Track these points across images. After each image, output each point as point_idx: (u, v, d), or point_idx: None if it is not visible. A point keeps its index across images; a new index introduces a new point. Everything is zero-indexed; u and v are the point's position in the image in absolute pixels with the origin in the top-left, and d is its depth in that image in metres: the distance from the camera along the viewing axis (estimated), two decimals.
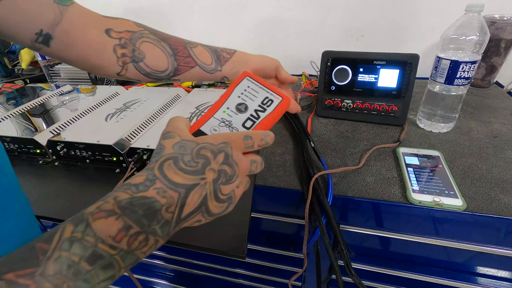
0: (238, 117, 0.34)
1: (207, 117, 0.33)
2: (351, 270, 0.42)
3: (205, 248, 0.40)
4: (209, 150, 0.26)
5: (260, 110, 0.34)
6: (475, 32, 0.52)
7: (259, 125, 0.33)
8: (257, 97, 0.35)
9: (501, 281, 0.50)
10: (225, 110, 0.34)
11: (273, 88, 0.36)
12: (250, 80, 0.36)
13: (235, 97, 0.35)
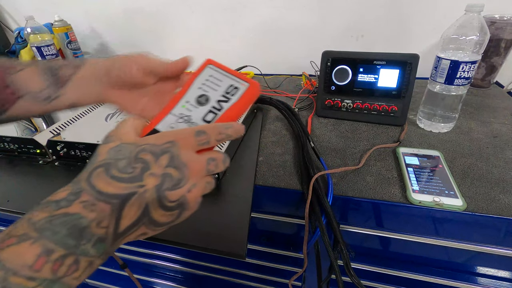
0: (198, 111, 0.30)
1: (163, 114, 0.30)
2: (351, 270, 0.42)
3: (205, 248, 0.40)
4: (149, 152, 0.23)
5: (224, 100, 0.31)
6: (475, 32, 0.52)
7: (222, 117, 0.30)
8: (220, 86, 0.32)
9: (501, 281, 0.50)
10: (184, 104, 0.31)
11: (239, 74, 0.32)
12: (213, 68, 0.33)
13: (195, 89, 0.32)
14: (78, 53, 1.08)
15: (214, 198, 0.47)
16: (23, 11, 1.19)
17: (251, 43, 1.03)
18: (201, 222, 0.43)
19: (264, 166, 0.54)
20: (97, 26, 1.16)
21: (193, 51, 1.10)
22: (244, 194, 0.47)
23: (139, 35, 1.13)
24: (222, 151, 0.33)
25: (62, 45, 1.05)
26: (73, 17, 1.11)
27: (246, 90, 0.31)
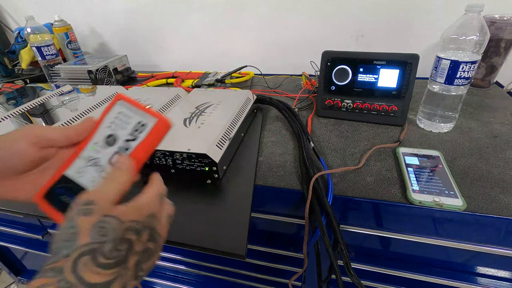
0: (106, 152, 0.30)
1: (73, 158, 0.30)
2: (351, 270, 0.42)
3: (205, 248, 0.40)
4: (134, 231, 0.24)
5: (131, 139, 0.30)
6: (475, 32, 0.52)
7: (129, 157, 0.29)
8: (129, 124, 0.30)
9: (501, 281, 0.50)
10: (93, 145, 0.30)
11: (148, 110, 0.31)
12: (123, 104, 0.31)
13: (104, 128, 0.31)
14: (78, 53, 1.08)
15: (214, 198, 0.47)
16: (23, 11, 1.19)
17: (251, 43, 1.03)
18: (201, 222, 0.43)
19: (264, 166, 0.54)
20: (97, 26, 1.16)
21: (193, 51, 1.11)
22: (244, 194, 0.47)
23: (139, 35, 1.13)
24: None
25: (62, 45, 1.05)
26: (73, 17, 1.11)
27: (154, 126, 0.30)
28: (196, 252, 0.66)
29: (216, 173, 0.49)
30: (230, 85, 0.90)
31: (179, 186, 0.50)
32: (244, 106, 0.65)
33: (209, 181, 0.50)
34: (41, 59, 0.97)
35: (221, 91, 0.75)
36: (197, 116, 0.60)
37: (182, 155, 0.49)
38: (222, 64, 1.09)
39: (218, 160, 0.48)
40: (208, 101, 0.67)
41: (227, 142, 0.53)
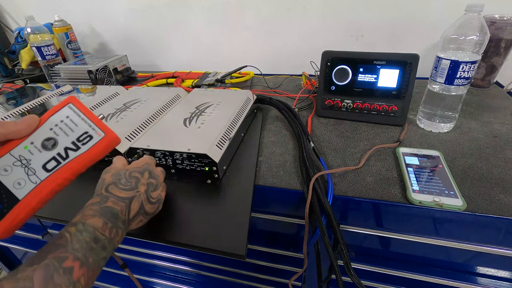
0: (40, 156, 0.28)
1: (2, 152, 0.28)
2: (351, 270, 0.42)
3: (205, 248, 0.40)
4: (137, 171, 0.39)
5: (72, 149, 0.29)
6: (475, 32, 0.52)
7: (65, 167, 0.28)
8: (74, 132, 0.30)
9: (501, 281, 0.50)
10: (27, 145, 0.28)
11: (98, 122, 0.30)
12: (73, 108, 0.30)
13: (46, 130, 0.29)
14: (78, 53, 1.08)
15: (214, 198, 0.47)
16: (23, 11, 1.19)
17: (251, 43, 1.03)
18: (201, 222, 0.43)
19: (264, 166, 0.54)
20: (97, 26, 1.16)
21: (193, 51, 1.11)
22: (244, 194, 0.47)
23: (139, 35, 1.13)
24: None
25: (62, 45, 1.05)
26: (73, 17, 1.11)
27: (100, 140, 0.30)
28: (196, 252, 0.66)
29: (216, 173, 0.49)
30: (230, 85, 0.90)
31: (179, 186, 0.50)
32: (244, 106, 0.65)
33: (209, 181, 0.50)
34: (41, 59, 0.97)
35: (221, 91, 0.75)
36: (197, 116, 0.60)
37: (182, 155, 0.49)
38: (222, 64, 1.09)
39: (218, 160, 0.48)
40: (208, 101, 0.67)
41: (227, 142, 0.53)
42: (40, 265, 0.25)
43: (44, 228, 0.75)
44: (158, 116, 0.63)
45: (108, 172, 0.38)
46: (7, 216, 0.27)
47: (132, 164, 0.41)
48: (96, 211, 0.32)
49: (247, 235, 0.40)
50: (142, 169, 0.40)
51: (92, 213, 0.32)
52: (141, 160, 0.42)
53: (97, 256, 0.29)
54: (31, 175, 0.28)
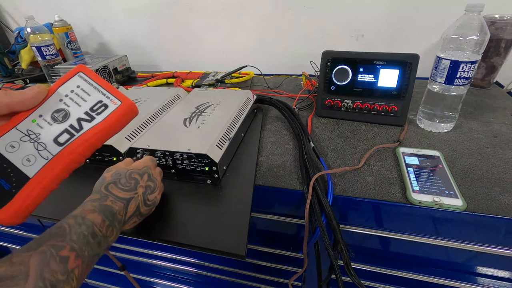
0: (51, 129, 0.26)
1: (7, 128, 0.26)
2: (351, 270, 0.42)
3: (205, 248, 0.40)
4: (137, 173, 0.40)
5: (86, 119, 0.27)
6: (475, 32, 0.52)
7: (79, 139, 0.26)
8: (86, 101, 0.27)
9: (501, 281, 0.50)
10: (35, 118, 0.26)
11: (112, 90, 0.28)
12: (83, 77, 0.28)
13: (55, 101, 0.27)
14: (78, 53, 1.08)
15: (214, 198, 0.47)
16: (23, 11, 1.19)
17: (251, 43, 1.03)
18: (201, 222, 0.43)
19: (264, 166, 0.54)
20: (97, 26, 1.16)
21: (193, 51, 1.11)
22: (244, 194, 0.47)
23: (138, 35, 1.13)
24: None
25: (62, 45, 1.05)
26: (73, 17, 1.11)
27: (116, 109, 0.27)
28: (196, 252, 0.66)
29: (216, 173, 0.49)
30: (230, 85, 0.90)
31: (179, 186, 0.50)
32: (244, 106, 0.65)
33: (209, 181, 0.50)
34: (41, 59, 0.97)
35: (221, 91, 0.75)
36: (197, 116, 0.60)
37: (182, 155, 0.49)
38: (222, 64, 1.09)
39: (218, 160, 0.48)
40: (208, 101, 0.67)
41: (227, 142, 0.53)
42: (37, 251, 0.25)
43: (44, 228, 0.75)
44: (158, 116, 0.63)
45: (109, 171, 0.39)
46: (17, 196, 0.25)
47: (133, 164, 0.42)
48: (96, 207, 0.33)
49: (247, 235, 0.40)
50: (142, 171, 0.40)
51: (92, 208, 0.32)
52: (142, 161, 0.42)
53: (92, 251, 0.29)
54: (41, 150, 0.26)
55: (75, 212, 0.31)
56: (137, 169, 0.40)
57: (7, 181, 0.25)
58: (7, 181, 0.25)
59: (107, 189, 0.36)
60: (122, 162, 0.43)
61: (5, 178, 0.25)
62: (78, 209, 0.32)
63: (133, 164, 0.42)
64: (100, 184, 0.37)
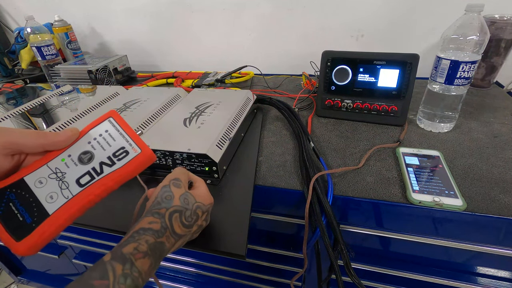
0: (75, 170, 0.28)
1: (39, 164, 0.27)
2: (351, 270, 0.42)
3: (205, 248, 0.40)
4: (201, 210, 0.36)
5: (107, 164, 0.28)
6: (475, 32, 0.52)
7: (98, 183, 0.28)
8: (111, 146, 0.29)
9: (501, 281, 0.50)
10: (65, 158, 0.28)
11: (135, 137, 0.29)
12: (112, 123, 0.30)
13: (84, 143, 0.29)
14: (78, 53, 1.08)
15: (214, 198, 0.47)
16: (23, 11, 1.19)
17: (251, 43, 1.03)
18: None
19: (264, 166, 0.54)
20: (97, 26, 1.16)
21: (193, 51, 1.11)
22: (244, 194, 0.47)
23: (138, 35, 1.13)
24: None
25: (62, 45, 1.05)
26: (73, 17, 1.11)
27: (135, 157, 0.29)
28: (196, 252, 0.66)
29: (216, 173, 0.49)
30: (230, 85, 0.90)
31: None
32: (244, 106, 0.65)
33: (209, 181, 0.50)
34: (41, 59, 0.97)
35: (221, 91, 0.75)
36: (197, 116, 0.60)
37: (182, 155, 0.49)
38: (222, 64, 1.09)
39: (218, 160, 0.48)
40: (208, 101, 0.67)
41: (227, 142, 0.53)
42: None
43: None
44: (158, 116, 0.63)
45: (178, 187, 0.36)
46: (36, 231, 0.26)
47: (200, 195, 0.37)
48: (150, 246, 0.30)
49: (247, 235, 0.40)
50: (206, 208, 0.37)
51: (146, 248, 0.29)
52: (206, 194, 0.38)
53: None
54: (64, 189, 0.27)
55: (125, 248, 0.28)
56: (203, 204, 0.37)
57: (30, 215, 0.26)
58: (30, 215, 0.26)
59: (171, 219, 0.33)
60: (182, 175, 0.38)
61: (29, 212, 0.26)
62: (130, 245, 0.28)
63: (200, 195, 0.37)
64: (167, 204, 0.34)
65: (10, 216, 0.25)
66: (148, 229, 0.31)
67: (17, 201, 0.26)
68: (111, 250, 0.28)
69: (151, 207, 0.34)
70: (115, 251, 0.28)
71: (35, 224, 0.26)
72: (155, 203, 0.34)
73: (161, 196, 0.34)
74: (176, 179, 0.36)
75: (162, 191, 0.35)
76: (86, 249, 0.78)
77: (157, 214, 0.33)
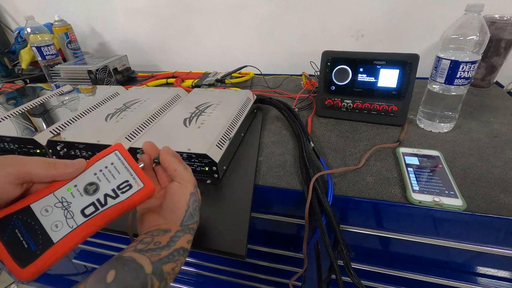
0: (81, 200, 0.28)
1: (46, 192, 0.28)
2: (351, 270, 0.42)
3: (205, 248, 0.40)
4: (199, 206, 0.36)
5: (111, 196, 0.29)
6: (475, 32, 0.52)
7: (102, 214, 0.28)
8: (115, 179, 0.30)
9: (501, 281, 0.50)
10: (71, 187, 0.29)
11: (139, 171, 0.31)
12: (118, 156, 0.31)
13: (90, 174, 0.30)
14: (78, 53, 1.08)
15: (214, 198, 0.47)
16: (23, 11, 1.19)
17: (251, 43, 1.03)
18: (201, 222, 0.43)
19: (264, 166, 0.54)
20: (97, 26, 1.16)
21: (193, 51, 1.11)
22: (244, 194, 0.47)
23: (138, 35, 1.13)
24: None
25: (62, 45, 1.05)
26: (73, 17, 1.11)
27: (138, 191, 0.30)
28: (196, 252, 0.66)
29: (216, 173, 0.49)
30: (230, 85, 0.90)
31: None
32: (244, 106, 0.65)
33: (209, 181, 0.50)
34: (41, 59, 0.97)
35: (221, 91, 0.75)
36: (197, 116, 0.60)
37: (182, 155, 0.49)
38: (222, 64, 1.09)
39: (218, 160, 0.48)
40: (208, 101, 0.67)
41: (227, 142, 0.53)
42: None
43: None
44: (158, 116, 0.63)
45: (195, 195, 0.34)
46: (40, 259, 0.26)
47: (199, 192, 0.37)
48: (180, 266, 0.30)
49: (247, 235, 0.40)
50: (200, 202, 0.37)
51: (179, 269, 0.30)
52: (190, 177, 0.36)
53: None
54: (69, 218, 0.28)
55: (165, 267, 0.28)
56: (200, 198, 0.36)
57: (35, 243, 0.26)
58: (35, 243, 0.26)
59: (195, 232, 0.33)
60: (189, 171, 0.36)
61: (34, 240, 0.26)
62: (169, 264, 0.28)
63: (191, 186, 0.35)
64: (197, 217, 0.33)
65: (16, 242, 0.26)
66: (186, 249, 0.31)
67: (23, 228, 0.26)
68: (149, 257, 0.27)
69: (187, 219, 0.32)
70: (156, 265, 0.27)
71: (39, 252, 0.26)
72: (189, 215, 0.32)
73: (192, 207, 0.33)
74: (196, 186, 0.36)
75: (192, 200, 0.33)
76: (86, 249, 0.78)
77: (192, 230, 0.33)
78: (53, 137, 0.57)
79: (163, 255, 0.28)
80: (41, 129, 0.60)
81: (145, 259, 0.27)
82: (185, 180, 0.34)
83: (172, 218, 0.32)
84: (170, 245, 0.29)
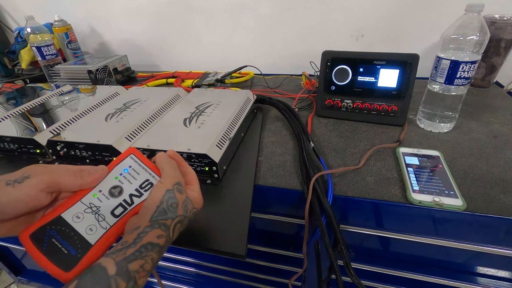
0: (108, 203, 0.31)
1: (73, 201, 0.30)
2: (351, 270, 0.42)
3: (205, 248, 0.40)
4: (194, 215, 0.35)
5: (136, 195, 0.31)
6: (475, 32, 0.52)
7: (131, 212, 0.31)
8: (136, 180, 0.32)
9: (501, 281, 0.50)
10: (96, 193, 0.31)
11: (156, 170, 0.33)
12: (134, 158, 0.33)
13: (111, 178, 0.32)
14: (78, 53, 1.08)
15: (214, 198, 0.47)
16: (23, 11, 1.19)
17: (251, 43, 1.03)
18: (201, 222, 0.43)
19: (264, 166, 0.54)
20: (97, 26, 1.16)
21: (193, 51, 1.11)
22: (244, 194, 0.47)
23: (138, 35, 1.13)
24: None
25: (62, 45, 1.05)
26: (73, 17, 1.11)
27: None
28: (196, 252, 0.66)
29: (216, 173, 0.49)
30: (230, 85, 0.90)
31: None
32: (244, 106, 0.65)
33: (209, 181, 0.50)
34: (41, 59, 0.97)
35: (221, 91, 0.75)
36: (197, 116, 0.60)
37: (182, 155, 0.49)
38: (222, 64, 1.09)
39: (218, 160, 0.48)
40: (208, 101, 0.67)
41: (227, 142, 0.53)
42: None
43: None
44: (158, 116, 0.63)
45: (181, 193, 0.33)
46: (82, 261, 0.28)
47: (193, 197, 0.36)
48: (154, 263, 0.29)
49: (247, 235, 0.40)
50: (197, 212, 0.37)
51: (151, 267, 0.28)
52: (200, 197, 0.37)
53: None
54: (101, 221, 0.30)
55: (131, 265, 0.27)
56: (198, 210, 0.36)
57: (74, 248, 0.28)
58: (74, 248, 0.28)
59: (174, 230, 0.32)
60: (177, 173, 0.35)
61: (72, 245, 0.28)
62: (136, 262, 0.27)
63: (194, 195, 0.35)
64: (172, 214, 0.31)
65: (55, 251, 0.27)
66: (156, 244, 0.30)
67: (59, 236, 0.28)
68: (114, 258, 0.26)
69: (157, 215, 0.31)
70: (121, 265, 0.26)
71: (80, 255, 0.28)
72: (161, 210, 0.31)
73: (167, 203, 0.32)
74: (179, 184, 0.34)
75: (166, 196, 0.32)
76: None
77: (164, 226, 0.31)
78: (53, 137, 0.57)
79: (129, 253, 0.27)
80: (41, 129, 0.60)
81: (110, 261, 0.26)
82: (164, 177, 0.33)
83: (143, 214, 0.31)
84: (136, 242, 0.28)
